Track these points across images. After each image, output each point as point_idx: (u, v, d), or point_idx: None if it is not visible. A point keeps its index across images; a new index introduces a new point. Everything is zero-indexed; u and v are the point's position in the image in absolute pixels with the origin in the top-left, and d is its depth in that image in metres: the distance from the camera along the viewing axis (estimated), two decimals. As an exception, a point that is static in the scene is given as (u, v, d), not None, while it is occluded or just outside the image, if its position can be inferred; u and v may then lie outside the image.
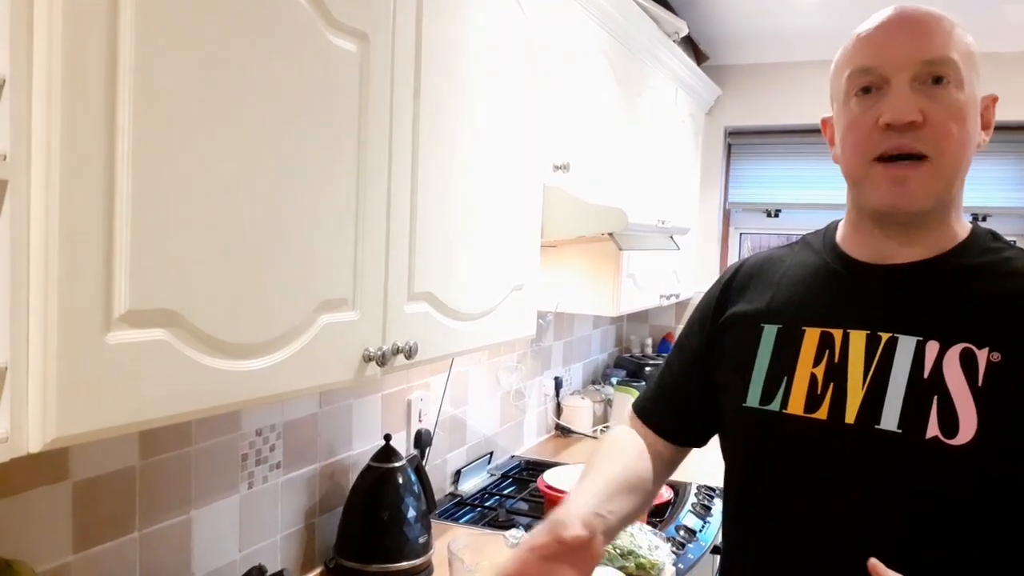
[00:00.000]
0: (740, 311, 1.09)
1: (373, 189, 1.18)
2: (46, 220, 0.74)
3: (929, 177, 0.92)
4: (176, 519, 1.35)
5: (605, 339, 3.50)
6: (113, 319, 0.80)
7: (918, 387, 0.91)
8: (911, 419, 0.90)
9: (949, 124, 0.91)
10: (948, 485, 0.88)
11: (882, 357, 0.94)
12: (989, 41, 2.97)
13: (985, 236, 1.00)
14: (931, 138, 0.91)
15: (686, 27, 2.72)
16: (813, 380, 0.97)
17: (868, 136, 0.94)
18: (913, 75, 0.92)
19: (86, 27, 0.75)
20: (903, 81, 0.92)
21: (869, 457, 0.92)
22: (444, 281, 1.38)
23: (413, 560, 1.61)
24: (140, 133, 0.81)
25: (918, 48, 0.92)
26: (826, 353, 0.98)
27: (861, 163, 0.96)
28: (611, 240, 2.05)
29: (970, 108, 0.94)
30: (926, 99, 0.91)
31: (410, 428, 2.01)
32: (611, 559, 1.67)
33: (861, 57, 0.96)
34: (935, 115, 0.91)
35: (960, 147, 0.93)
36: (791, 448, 0.99)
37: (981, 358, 0.89)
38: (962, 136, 0.93)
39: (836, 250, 1.05)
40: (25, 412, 0.74)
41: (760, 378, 1.02)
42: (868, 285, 0.99)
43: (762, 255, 1.16)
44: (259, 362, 1.00)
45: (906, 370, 0.92)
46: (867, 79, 0.95)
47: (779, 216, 3.63)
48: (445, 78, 1.34)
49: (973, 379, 0.88)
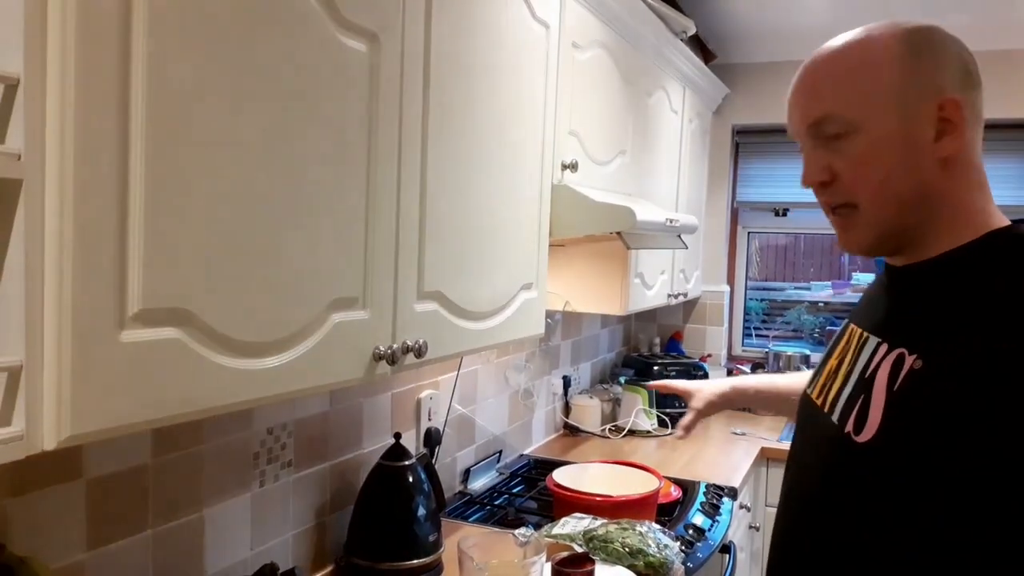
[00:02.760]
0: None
1: (383, 188, 1.18)
2: (60, 219, 0.74)
3: (862, 223, 0.95)
4: (188, 517, 1.36)
5: (613, 338, 3.50)
6: (126, 318, 0.81)
7: (858, 385, 0.95)
8: (842, 413, 0.95)
9: (858, 171, 0.92)
10: (852, 478, 0.92)
11: (854, 353, 1.00)
12: (999, 39, 2.96)
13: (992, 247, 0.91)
14: (845, 190, 0.94)
15: (693, 26, 2.72)
16: (830, 370, 1.05)
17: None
18: (811, 138, 0.96)
19: (99, 28, 0.76)
20: (808, 145, 0.97)
21: (821, 443, 1.00)
22: (453, 280, 1.39)
23: (423, 558, 1.62)
24: (152, 132, 0.82)
25: (802, 112, 0.96)
26: (845, 347, 1.05)
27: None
28: (619, 239, 2.05)
29: (883, 144, 0.91)
30: (832, 154, 0.94)
31: (420, 427, 2.02)
32: (620, 557, 1.67)
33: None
34: (841, 169, 0.93)
35: (883, 184, 0.92)
36: (803, 427, 1.09)
37: (907, 363, 0.88)
38: (877, 176, 0.91)
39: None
40: (40, 410, 0.75)
41: (819, 365, 1.13)
42: (878, 287, 1.07)
43: None
44: (271, 361, 1.00)
45: (860, 368, 0.97)
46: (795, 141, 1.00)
47: (787, 215, 3.63)
48: (454, 78, 1.35)
49: (893, 382, 0.89)
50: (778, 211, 3.64)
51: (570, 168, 1.86)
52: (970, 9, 2.82)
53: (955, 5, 2.77)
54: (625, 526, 1.74)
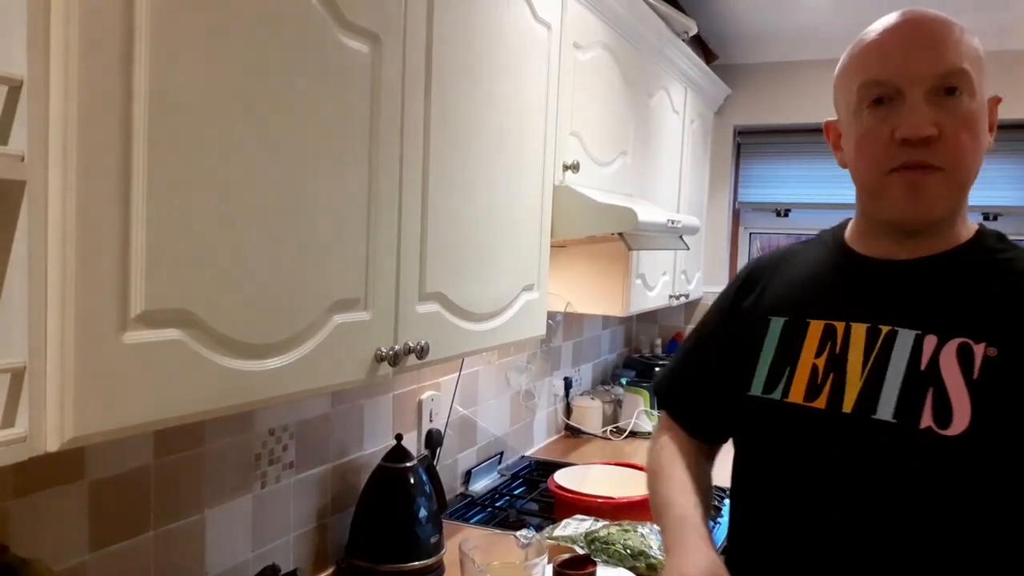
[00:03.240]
0: (752, 305, 1.11)
1: (385, 190, 1.18)
2: (63, 221, 0.74)
3: (943, 187, 0.93)
4: (190, 518, 1.36)
5: (615, 339, 3.50)
6: (129, 319, 0.81)
7: (914, 379, 0.92)
8: (906, 409, 0.91)
9: (963, 135, 0.92)
10: (940, 474, 0.90)
11: (881, 349, 0.95)
12: (1001, 39, 2.95)
13: (990, 236, 1.01)
14: (946, 151, 0.91)
15: (695, 26, 2.71)
16: (814, 370, 0.99)
17: (884, 150, 0.94)
18: (928, 88, 0.91)
19: (102, 29, 0.76)
20: (918, 95, 0.91)
21: (864, 446, 0.94)
22: (455, 281, 1.39)
23: (425, 560, 1.61)
24: (155, 134, 0.82)
25: (932, 61, 0.91)
26: (828, 345, 0.99)
27: (877, 175, 0.96)
28: (620, 240, 2.04)
29: (981, 116, 0.94)
30: (940, 111, 0.91)
31: (421, 428, 2.02)
32: (622, 559, 1.67)
33: (873, 68, 0.95)
34: (949, 128, 0.91)
35: (974, 156, 0.93)
36: (791, 435, 1.01)
37: (978, 352, 0.90)
38: (975, 145, 0.93)
39: (844, 246, 1.07)
40: (43, 412, 0.75)
41: (764, 368, 1.04)
42: (872, 280, 1.01)
43: (780, 251, 1.18)
44: (273, 362, 1.00)
45: (904, 362, 0.93)
46: (879, 91, 0.94)
47: (789, 216, 3.62)
48: (456, 78, 1.35)
49: (969, 372, 0.90)
50: (780, 212, 3.63)
51: (571, 169, 1.86)
52: (971, 9, 2.82)
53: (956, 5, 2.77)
54: (627, 528, 1.74)
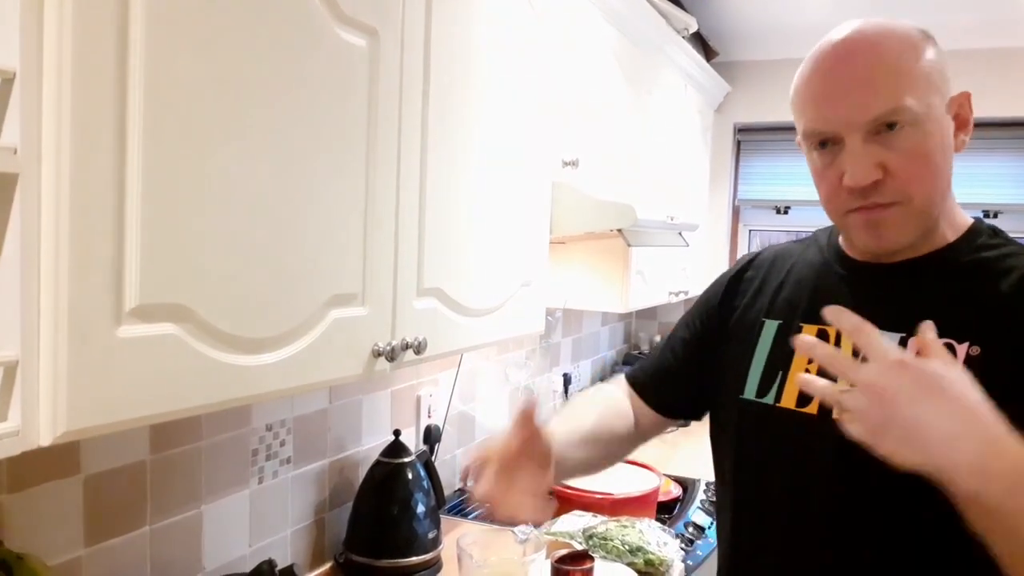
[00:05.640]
0: (746, 304, 1.10)
1: (382, 184, 1.18)
2: (56, 214, 0.74)
3: (903, 218, 0.91)
4: (187, 513, 1.35)
5: (614, 336, 3.50)
6: (123, 313, 0.81)
7: None
8: None
9: (912, 168, 0.89)
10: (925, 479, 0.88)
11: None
12: (1000, 36, 2.95)
13: (983, 233, 0.98)
14: (896, 187, 0.89)
15: (695, 23, 2.71)
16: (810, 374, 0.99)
17: (836, 194, 0.93)
18: (865, 132, 0.89)
19: (96, 19, 0.76)
20: (856, 140, 0.89)
21: (852, 452, 0.92)
22: (453, 277, 1.38)
23: (422, 555, 1.61)
24: (150, 127, 0.81)
25: (863, 106, 0.89)
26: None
27: (837, 216, 0.96)
28: (620, 236, 2.04)
29: (934, 136, 0.90)
30: (883, 149, 0.89)
31: (419, 424, 2.01)
32: (620, 555, 1.66)
33: (809, 118, 0.94)
34: (895, 164, 0.89)
35: (931, 180, 0.91)
36: (782, 441, 1.00)
37: (960, 352, 0.89)
38: (930, 169, 0.90)
39: (837, 248, 1.05)
40: (36, 406, 0.75)
41: (758, 371, 1.04)
42: (861, 283, 1.00)
43: (776, 248, 1.16)
44: (269, 357, 1.00)
45: None
46: (820, 137, 0.93)
47: (788, 213, 3.62)
48: (454, 73, 1.34)
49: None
50: (779, 209, 3.63)
51: (571, 165, 1.85)
52: (971, 7, 2.81)
53: (957, 3, 2.76)
54: (625, 523, 1.74)
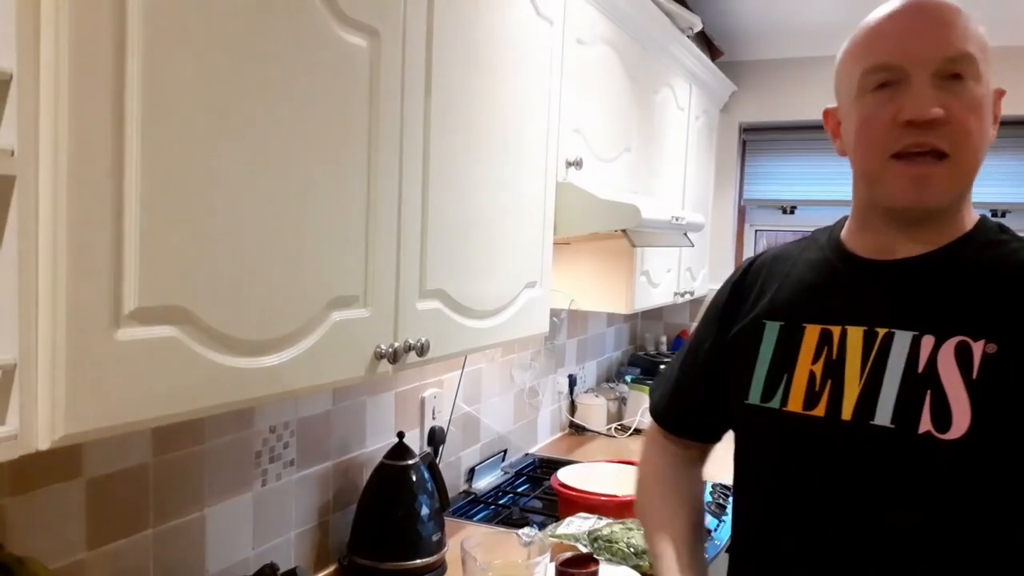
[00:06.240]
0: (747, 308, 1.09)
1: (384, 185, 1.17)
2: (54, 216, 0.73)
3: (950, 175, 0.90)
4: (190, 516, 1.35)
5: (619, 337, 3.49)
6: (122, 316, 0.80)
7: (912, 381, 0.90)
8: (904, 414, 0.89)
9: (969, 120, 0.89)
10: (940, 480, 0.87)
11: (878, 353, 0.93)
12: (1003, 34, 2.93)
13: (991, 229, 0.98)
14: (952, 135, 0.89)
15: (700, 22, 2.70)
16: (812, 377, 0.97)
17: (886, 132, 0.91)
18: (934, 71, 0.89)
19: (93, 21, 0.75)
20: (924, 78, 0.89)
21: (864, 453, 0.92)
22: (456, 278, 1.38)
23: (427, 558, 1.61)
24: (148, 128, 0.81)
25: (939, 43, 0.90)
26: (824, 350, 0.97)
27: (878, 160, 0.93)
28: (625, 237, 2.03)
29: (987, 103, 0.92)
30: (946, 95, 0.89)
31: (424, 426, 2.01)
32: (625, 558, 1.66)
33: (878, 52, 0.93)
34: (955, 112, 0.89)
35: (979, 143, 0.91)
36: (790, 445, 0.99)
37: (976, 350, 0.87)
38: (981, 132, 0.91)
39: (839, 246, 1.04)
40: (34, 409, 0.74)
41: (762, 375, 1.02)
42: (867, 281, 0.98)
43: (773, 251, 1.15)
44: (270, 359, 0.99)
45: (901, 365, 0.91)
46: (884, 76, 0.92)
47: (795, 213, 3.60)
48: (456, 74, 1.34)
49: (968, 372, 0.87)
50: (785, 209, 3.61)
51: (575, 165, 1.84)
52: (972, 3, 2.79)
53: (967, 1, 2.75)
54: (630, 526, 1.73)
